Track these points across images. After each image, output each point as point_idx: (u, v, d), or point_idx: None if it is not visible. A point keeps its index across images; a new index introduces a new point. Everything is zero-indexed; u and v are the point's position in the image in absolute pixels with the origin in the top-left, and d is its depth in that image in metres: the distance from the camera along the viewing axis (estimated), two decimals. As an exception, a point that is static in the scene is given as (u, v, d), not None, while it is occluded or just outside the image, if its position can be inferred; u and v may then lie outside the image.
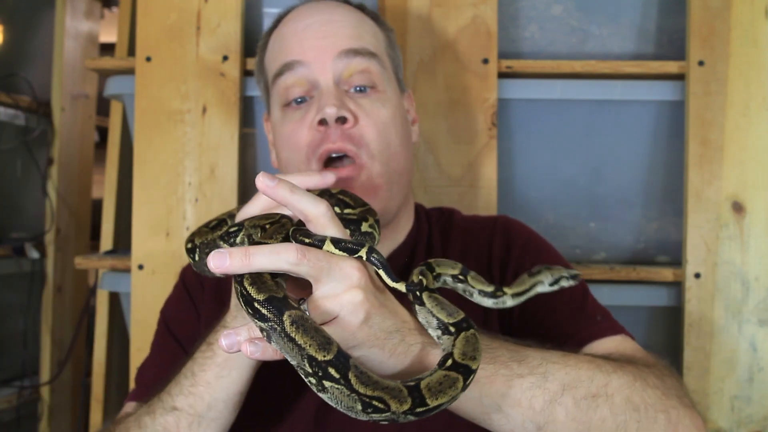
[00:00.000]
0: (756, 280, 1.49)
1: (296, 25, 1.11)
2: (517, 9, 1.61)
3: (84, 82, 2.46)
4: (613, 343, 1.00)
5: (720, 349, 1.49)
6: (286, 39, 1.11)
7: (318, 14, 1.11)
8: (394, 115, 1.09)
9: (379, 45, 1.13)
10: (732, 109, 1.50)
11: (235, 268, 0.70)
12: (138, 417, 0.94)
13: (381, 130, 1.06)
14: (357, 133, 1.05)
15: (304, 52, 1.07)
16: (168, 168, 1.56)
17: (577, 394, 0.82)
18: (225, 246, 0.85)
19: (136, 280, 1.56)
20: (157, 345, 1.17)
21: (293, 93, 1.09)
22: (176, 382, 0.91)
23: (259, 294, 0.68)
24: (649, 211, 1.61)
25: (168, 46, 1.57)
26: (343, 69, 1.07)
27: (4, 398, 2.19)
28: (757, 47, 1.50)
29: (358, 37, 1.09)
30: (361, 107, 1.06)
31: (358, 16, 1.13)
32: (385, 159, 1.06)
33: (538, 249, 1.12)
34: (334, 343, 0.67)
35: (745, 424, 1.48)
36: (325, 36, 1.08)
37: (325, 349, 0.66)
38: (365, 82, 1.08)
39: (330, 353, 0.66)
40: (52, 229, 2.32)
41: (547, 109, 1.58)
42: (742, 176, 1.50)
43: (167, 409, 0.90)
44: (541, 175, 1.62)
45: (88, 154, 2.54)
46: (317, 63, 1.06)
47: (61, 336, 2.37)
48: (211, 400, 0.88)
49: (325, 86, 1.06)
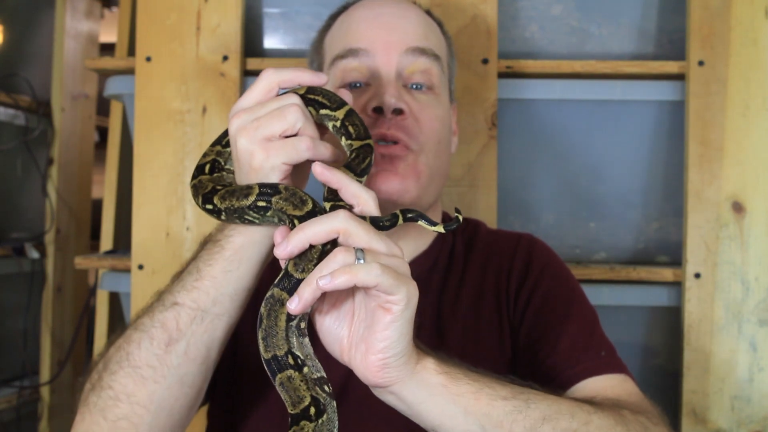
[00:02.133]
0: (756, 280, 1.49)
1: (368, 13, 1.11)
2: (517, 9, 1.61)
3: (84, 82, 2.46)
4: (611, 382, 0.99)
5: (720, 349, 1.49)
6: (355, 24, 1.10)
7: (390, 7, 1.11)
8: (444, 118, 1.10)
9: (442, 50, 1.13)
10: (732, 109, 1.50)
11: (340, 284, 0.71)
12: (136, 318, 0.91)
13: (433, 127, 1.06)
14: (410, 125, 1.05)
15: (372, 42, 1.07)
16: (168, 168, 1.56)
17: (557, 426, 0.81)
18: (255, 217, 0.82)
19: (136, 280, 1.56)
20: None
21: (352, 76, 1.08)
22: (179, 280, 0.89)
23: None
24: (649, 211, 1.61)
25: (168, 46, 1.57)
26: (408, 65, 1.07)
27: (4, 398, 2.19)
28: (757, 47, 1.51)
29: (426, 38, 1.09)
30: (418, 102, 1.06)
31: (427, 18, 1.14)
32: (434, 153, 1.06)
33: (556, 275, 1.11)
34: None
35: (745, 424, 1.48)
36: (396, 29, 1.08)
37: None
38: (424, 81, 1.08)
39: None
40: (52, 229, 2.32)
41: (547, 109, 1.58)
42: (742, 176, 1.50)
43: (167, 306, 0.87)
44: (541, 175, 1.62)
45: (88, 154, 2.54)
46: (383, 55, 1.06)
47: (61, 336, 2.37)
48: (216, 295, 0.86)
49: (387, 77, 1.06)
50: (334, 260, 0.72)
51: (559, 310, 1.06)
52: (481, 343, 1.06)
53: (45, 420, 2.28)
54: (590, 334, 1.05)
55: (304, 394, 0.70)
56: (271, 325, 0.72)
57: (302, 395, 0.71)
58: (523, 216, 1.63)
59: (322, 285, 0.70)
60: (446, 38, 1.17)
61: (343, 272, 0.70)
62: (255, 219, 0.82)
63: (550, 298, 1.07)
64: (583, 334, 1.04)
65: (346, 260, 0.72)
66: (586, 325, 1.06)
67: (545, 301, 1.07)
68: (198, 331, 0.86)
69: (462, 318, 1.08)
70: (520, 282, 1.10)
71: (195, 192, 0.86)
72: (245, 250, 0.86)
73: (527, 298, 1.08)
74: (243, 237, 0.86)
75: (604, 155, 1.60)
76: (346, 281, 0.70)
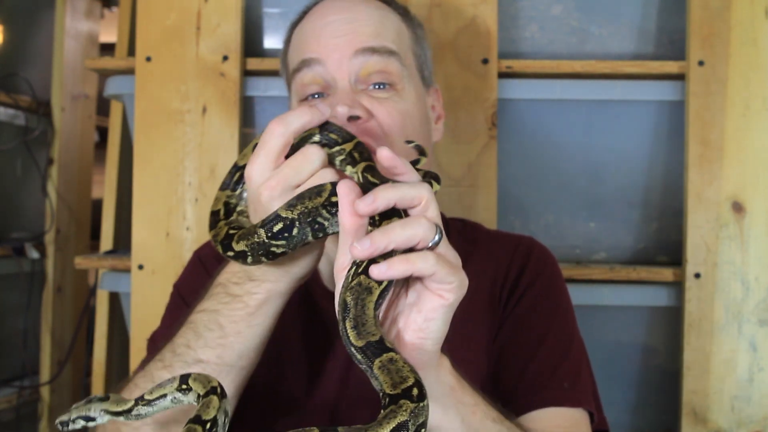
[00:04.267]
0: (756, 280, 1.49)
1: (317, 21, 1.10)
2: (517, 9, 1.61)
3: (84, 82, 2.46)
4: (564, 416, 0.99)
5: (720, 349, 1.49)
6: (306, 35, 1.10)
7: (341, 12, 1.10)
8: (412, 110, 1.08)
9: (402, 42, 1.11)
10: (732, 109, 1.50)
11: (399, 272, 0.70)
12: (149, 371, 0.90)
13: (396, 122, 1.05)
14: (371, 127, 1.03)
15: (321, 49, 1.06)
16: (168, 168, 1.56)
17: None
18: (327, 215, 0.79)
19: (136, 280, 1.56)
20: (170, 316, 1.14)
21: (310, 90, 1.08)
22: (197, 336, 0.88)
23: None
24: (649, 211, 1.61)
25: (168, 46, 1.57)
26: (360, 68, 1.05)
27: (4, 398, 2.19)
28: (757, 47, 1.51)
29: (377, 35, 1.07)
30: (377, 101, 1.05)
31: (382, 12, 1.12)
32: (405, 149, 1.04)
33: (545, 286, 1.10)
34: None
35: (745, 424, 1.48)
36: (345, 34, 1.07)
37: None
38: (383, 80, 1.07)
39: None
40: (52, 229, 2.32)
41: (547, 109, 1.58)
42: (742, 176, 1.50)
43: (189, 363, 0.87)
44: (541, 175, 1.62)
45: (88, 154, 2.54)
46: (333, 61, 1.05)
47: (61, 336, 2.37)
48: (242, 349, 0.87)
49: (340, 85, 1.05)
50: (418, 224, 0.71)
51: (537, 328, 1.05)
52: (472, 346, 1.05)
53: (45, 420, 2.28)
54: (560, 360, 1.03)
55: (408, 375, 0.68)
56: (360, 313, 0.70)
57: (406, 375, 0.68)
58: (523, 216, 1.63)
59: (376, 275, 0.69)
60: (410, 26, 1.15)
61: (401, 261, 0.69)
62: (282, 245, 0.79)
63: (533, 312, 1.06)
64: (552, 360, 1.02)
65: (426, 235, 0.71)
66: (559, 350, 1.04)
67: (527, 314, 1.06)
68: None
69: (454, 320, 1.07)
70: (511, 289, 1.08)
71: (214, 241, 0.85)
72: (270, 304, 0.87)
73: (513, 306, 1.07)
74: (265, 292, 0.86)
75: (604, 155, 1.60)
76: (403, 270, 0.69)
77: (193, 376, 0.77)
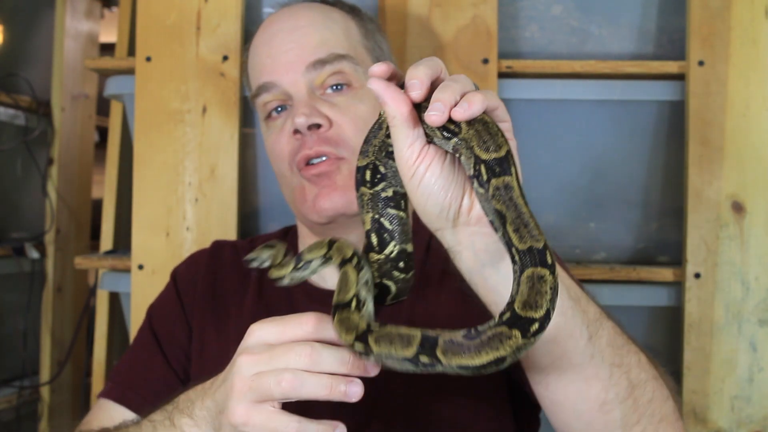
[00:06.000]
0: (756, 280, 1.49)
1: (264, 35, 1.13)
2: (517, 9, 1.61)
3: (84, 82, 2.46)
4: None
5: (720, 349, 1.49)
6: (258, 56, 1.13)
7: (284, 21, 1.12)
8: (373, 109, 1.08)
9: (352, 41, 1.12)
10: (732, 109, 1.50)
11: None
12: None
13: (358, 125, 1.06)
14: (334, 134, 1.05)
15: (274, 71, 1.09)
16: (168, 168, 1.56)
17: (627, 348, 0.84)
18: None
19: (136, 280, 1.56)
20: (135, 346, 1.17)
21: (271, 106, 1.11)
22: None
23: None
24: (649, 211, 1.61)
25: (168, 46, 1.57)
26: (314, 79, 1.08)
27: (4, 398, 2.19)
28: (757, 47, 1.50)
29: (323, 43, 1.09)
30: (336, 107, 1.07)
31: (326, 14, 1.13)
32: None
33: None
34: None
35: (745, 424, 1.48)
36: (291, 48, 1.09)
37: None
38: (339, 81, 1.09)
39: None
40: (52, 229, 2.32)
41: (547, 109, 1.58)
42: (742, 176, 1.50)
43: None
44: (541, 175, 1.62)
45: (88, 154, 2.54)
46: (287, 81, 1.08)
47: (61, 336, 2.37)
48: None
49: (298, 98, 1.08)
50: (457, 78, 0.71)
51: None
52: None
53: (45, 420, 2.28)
54: None
55: (543, 305, 0.65)
56: (518, 215, 0.68)
57: (541, 304, 0.65)
58: (523, 216, 1.63)
59: (460, 114, 0.68)
60: (358, 22, 1.16)
61: (476, 99, 0.69)
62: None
63: None
64: None
65: (468, 83, 0.72)
66: None
67: None
68: None
69: (448, 307, 1.06)
70: None
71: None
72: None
73: None
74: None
75: (604, 155, 1.60)
76: (481, 104, 0.69)
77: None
